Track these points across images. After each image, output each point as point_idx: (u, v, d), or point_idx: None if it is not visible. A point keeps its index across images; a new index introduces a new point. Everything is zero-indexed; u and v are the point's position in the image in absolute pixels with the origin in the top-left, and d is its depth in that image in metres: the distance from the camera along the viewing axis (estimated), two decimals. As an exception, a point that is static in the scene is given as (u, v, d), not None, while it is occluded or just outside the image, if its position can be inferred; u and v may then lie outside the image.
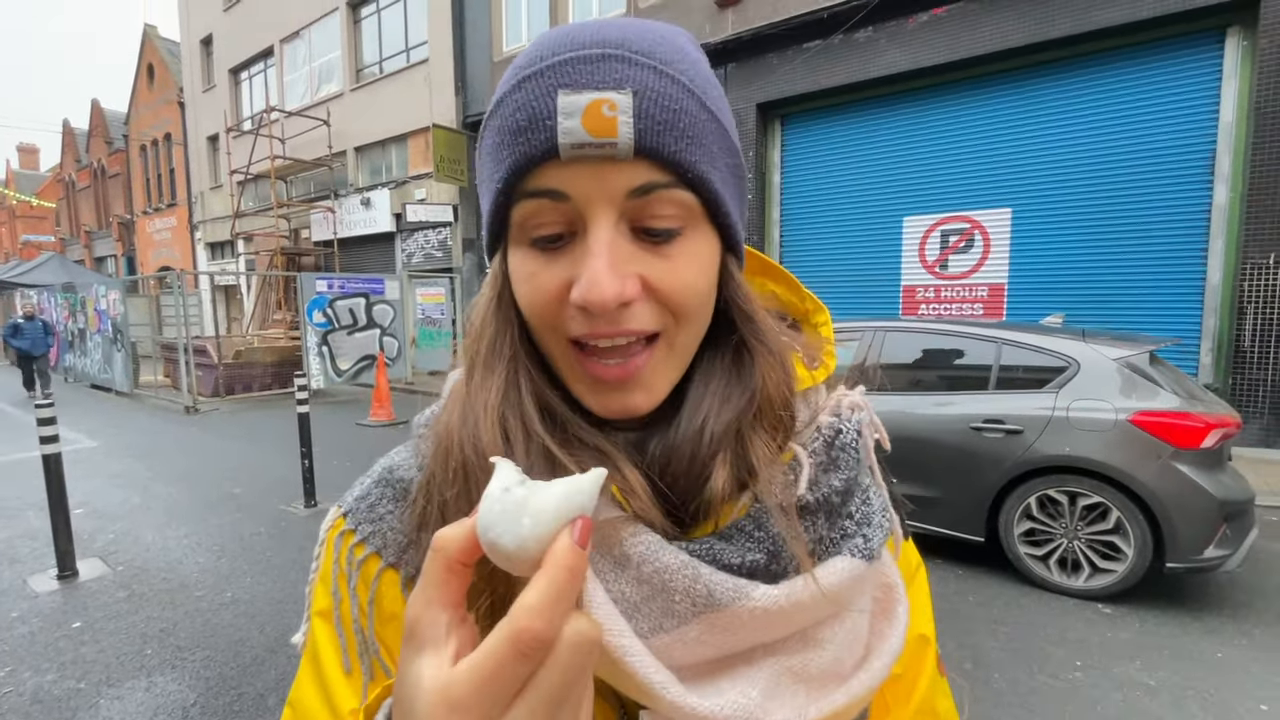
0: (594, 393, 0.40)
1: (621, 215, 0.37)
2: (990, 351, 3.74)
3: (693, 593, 0.37)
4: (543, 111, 0.36)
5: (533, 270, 0.39)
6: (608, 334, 0.38)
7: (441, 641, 0.27)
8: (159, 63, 21.40)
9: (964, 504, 3.66)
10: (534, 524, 0.27)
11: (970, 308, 7.55)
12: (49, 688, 2.70)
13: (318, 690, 0.43)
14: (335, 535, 0.46)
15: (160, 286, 13.62)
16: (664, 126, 0.36)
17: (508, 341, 0.42)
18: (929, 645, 0.50)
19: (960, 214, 7.55)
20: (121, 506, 5.14)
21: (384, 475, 0.47)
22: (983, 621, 3.15)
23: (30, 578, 3.79)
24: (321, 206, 15.04)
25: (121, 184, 24.66)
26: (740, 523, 0.40)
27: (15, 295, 16.77)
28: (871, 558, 0.41)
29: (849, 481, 0.42)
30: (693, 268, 0.39)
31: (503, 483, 0.29)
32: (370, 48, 14.60)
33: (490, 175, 0.40)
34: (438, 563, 0.28)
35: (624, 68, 0.36)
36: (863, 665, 0.41)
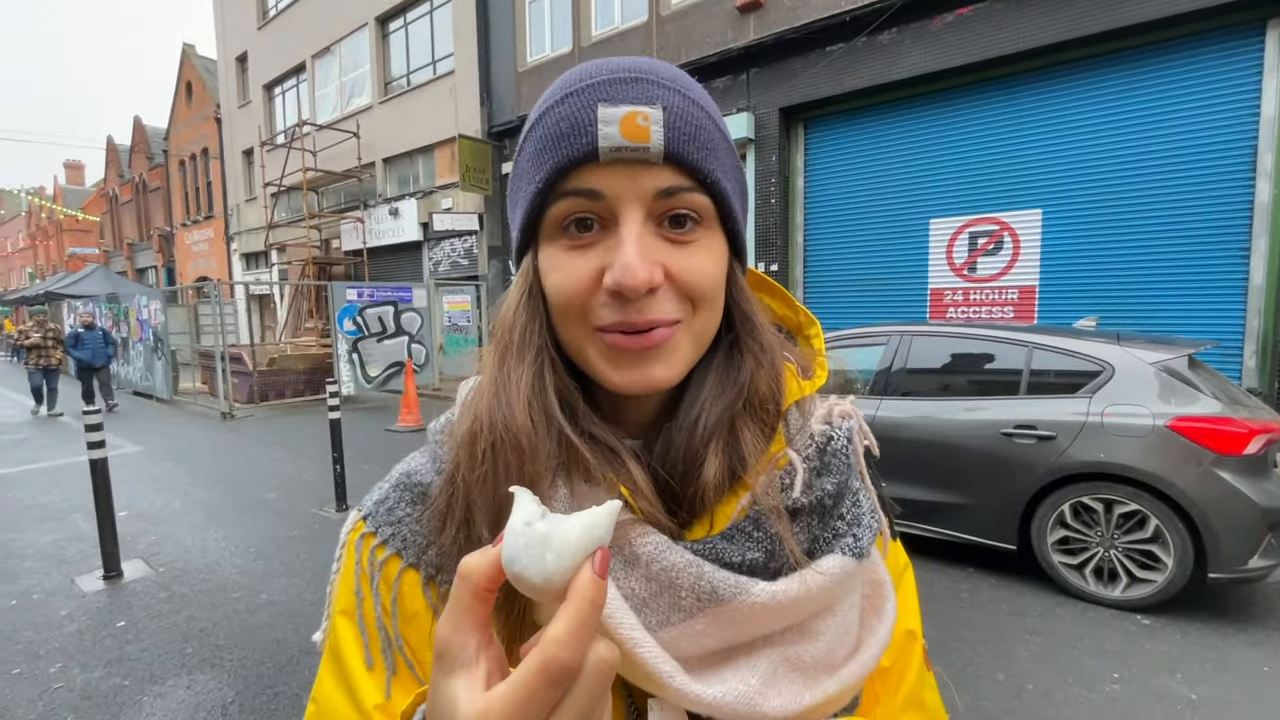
0: (616, 366, 0.43)
1: (649, 213, 0.42)
2: (1021, 356, 3.67)
3: (698, 589, 0.40)
4: (585, 120, 0.41)
5: (565, 261, 0.43)
6: (636, 323, 0.41)
7: (472, 663, 0.29)
8: (197, 80, 22.15)
9: (994, 511, 3.59)
10: (558, 559, 0.29)
11: (1000, 311, 7.40)
12: (97, 684, 2.80)
13: (340, 686, 0.46)
14: (356, 538, 0.49)
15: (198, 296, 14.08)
16: (688, 138, 0.42)
17: (536, 332, 0.45)
18: (916, 640, 0.53)
19: (989, 216, 7.41)
20: (163, 510, 5.31)
21: (402, 479, 0.50)
22: (1015, 631, 3.09)
23: (78, 578, 3.94)
24: (351, 217, 15.39)
25: (162, 198, 25.53)
26: (740, 524, 0.43)
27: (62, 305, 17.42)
28: (861, 555, 0.44)
29: (840, 485, 0.45)
30: (708, 260, 0.44)
31: (524, 516, 0.31)
32: (398, 61, 14.92)
33: (530, 179, 0.44)
34: (465, 590, 0.30)
35: (654, 89, 0.42)
36: (853, 656, 0.45)
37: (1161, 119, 6.33)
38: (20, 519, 5.13)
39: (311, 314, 15.41)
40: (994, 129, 7.31)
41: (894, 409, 3.94)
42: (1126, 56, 6.45)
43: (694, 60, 8.73)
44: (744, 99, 8.65)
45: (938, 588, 3.58)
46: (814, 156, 8.77)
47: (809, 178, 8.80)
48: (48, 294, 19.82)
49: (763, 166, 8.62)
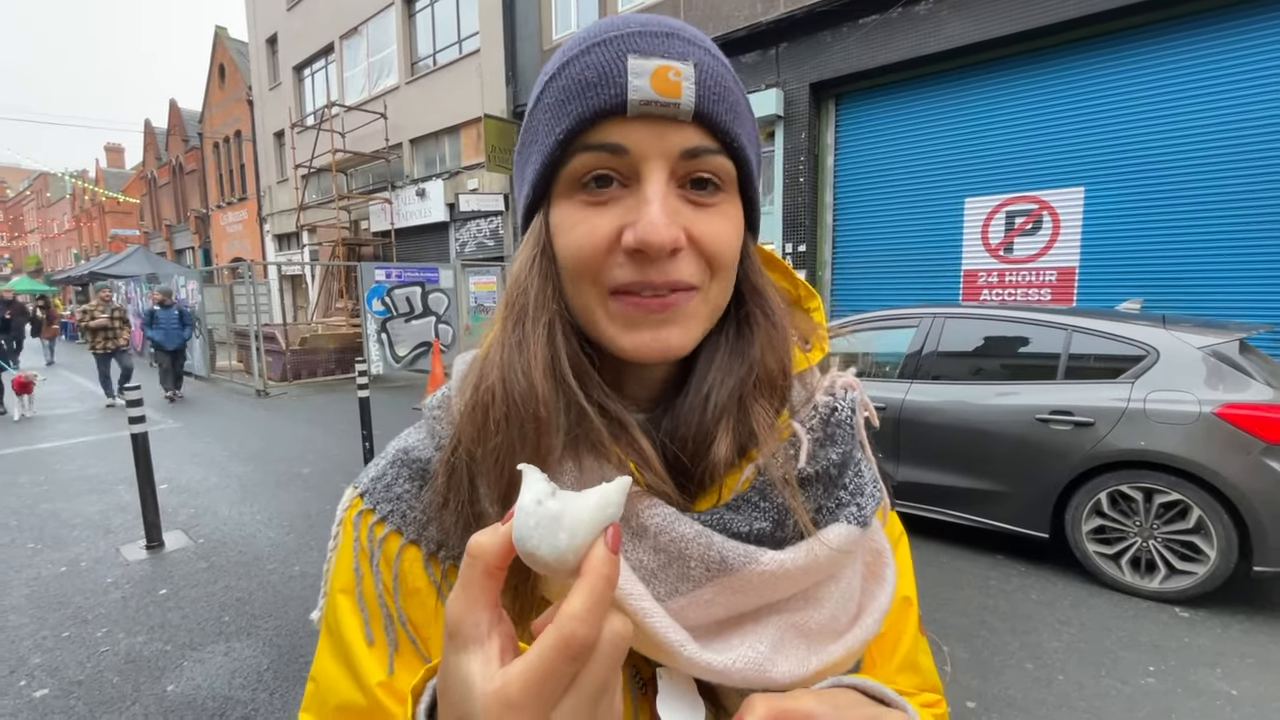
0: (628, 329, 0.42)
1: (672, 173, 0.41)
2: (1059, 339, 3.55)
3: (707, 559, 0.41)
4: (613, 71, 0.39)
5: (581, 219, 0.41)
6: (655, 283, 0.40)
7: (485, 640, 0.30)
8: (229, 63, 22.46)
9: (1027, 498, 3.51)
10: (570, 537, 0.29)
11: (1037, 293, 7.17)
12: (140, 648, 2.93)
13: (340, 663, 0.45)
14: (354, 515, 0.48)
15: (233, 277, 14.38)
16: (717, 98, 0.41)
17: (549, 297, 0.43)
18: (911, 606, 0.55)
19: (1027, 194, 7.15)
20: (201, 483, 5.50)
21: (399, 456, 0.49)
22: (1046, 621, 3.02)
23: (122, 547, 4.11)
24: (379, 198, 15.54)
25: (197, 180, 26.11)
26: (746, 494, 0.43)
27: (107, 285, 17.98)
28: (865, 524, 0.45)
29: (845, 455, 0.46)
30: (728, 226, 0.43)
31: (535, 495, 0.31)
32: (424, 41, 14.90)
33: (548, 129, 0.42)
34: (476, 568, 0.30)
35: (685, 45, 0.41)
36: (856, 622, 0.45)
37: (1212, 91, 6.00)
38: (69, 490, 5.35)
39: (342, 294, 15.67)
40: (1035, 103, 7.01)
41: (924, 393, 3.85)
42: (1176, 26, 6.12)
43: (721, 35, 8.53)
44: (772, 74, 8.44)
45: (966, 574, 3.52)
46: (845, 134, 8.54)
47: (839, 156, 8.58)
48: (92, 274, 20.51)
49: (791, 144, 8.43)
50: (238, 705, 2.51)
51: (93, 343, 9.08)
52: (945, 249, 7.79)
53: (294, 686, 2.61)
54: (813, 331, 0.52)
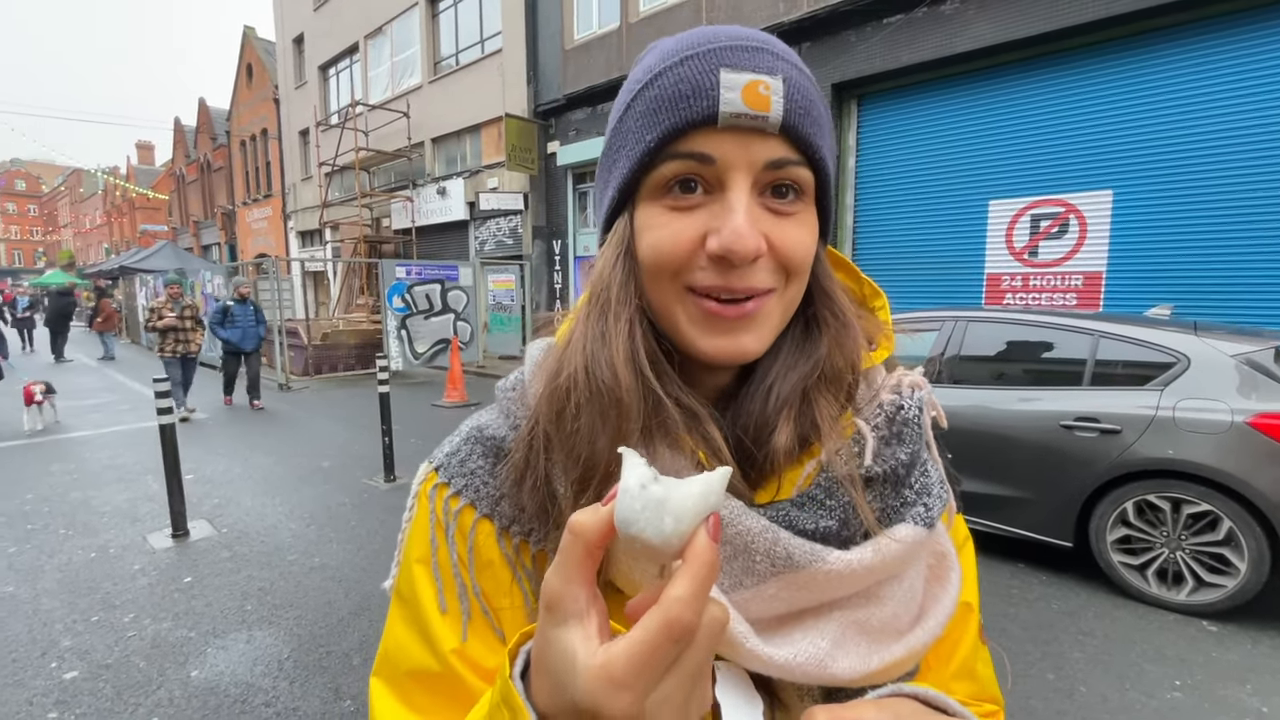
0: (707, 333, 0.44)
1: (755, 182, 0.42)
2: (1085, 345, 3.48)
3: (773, 554, 0.41)
4: (706, 84, 0.41)
5: (666, 221, 0.43)
6: (736, 289, 0.42)
7: (584, 615, 0.31)
8: (257, 62, 22.86)
9: (1050, 506, 3.45)
10: (675, 522, 0.30)
11: (1062, 298, 7.04)
12: (165, 634, 2.99)
13: (413, 630, 0.47)
14: (429, 488, 0.50)
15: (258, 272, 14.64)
16: (803, 112, 0.42)
17: (632, 293, 0.45)
18: (972, 612, 0.54)
19: (1053, 197, 7.03)
20: (225, 474, 5.60)
21: (473, 433, 0.51)
22: (1068, 631, 2.97)
23: (149, 535, 4.20)
24: (401, 196, 15.71)
25: (224, 177, 26.61)
26: (811, 492, 0.44)
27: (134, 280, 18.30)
28: (931, 525, 0.45)
29: (913, 454, 0.46)
30: (805, 234, 0.45)
31: (638, 478, 0.31)
32: (447, 40, 15.04)
33: (637, 138, 0.44)
34: (578, 545, 0.31)
35: (774, 60, 0.43)
36: (919, 623, 0.45)
37: (1245, 93, 5.85)
38: (99, 478, 5.49)
39: (363, 291, 15.88)
40: (1062, 105, 6.89)
41: (945, 397, 3.80)
42: (1208, 26, 5.97)
43: (744, 35, 8.49)
44: (795, 75, 8.39)
45: (986, 582, 3.46)
46: (867, 135, 8.46)
47: (861, 157, 8.50)
48: (122, 268, 20.99)
49: (813, 145, 8.37)
50: (259, 693, 2.55)
51: (160, 345, 7.99)
52: (968, 252, 7.68)
53: (314, 675, 2.66)
54: (878, 330, 0.53)
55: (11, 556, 3.88)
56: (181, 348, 7.99)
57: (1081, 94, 6.75)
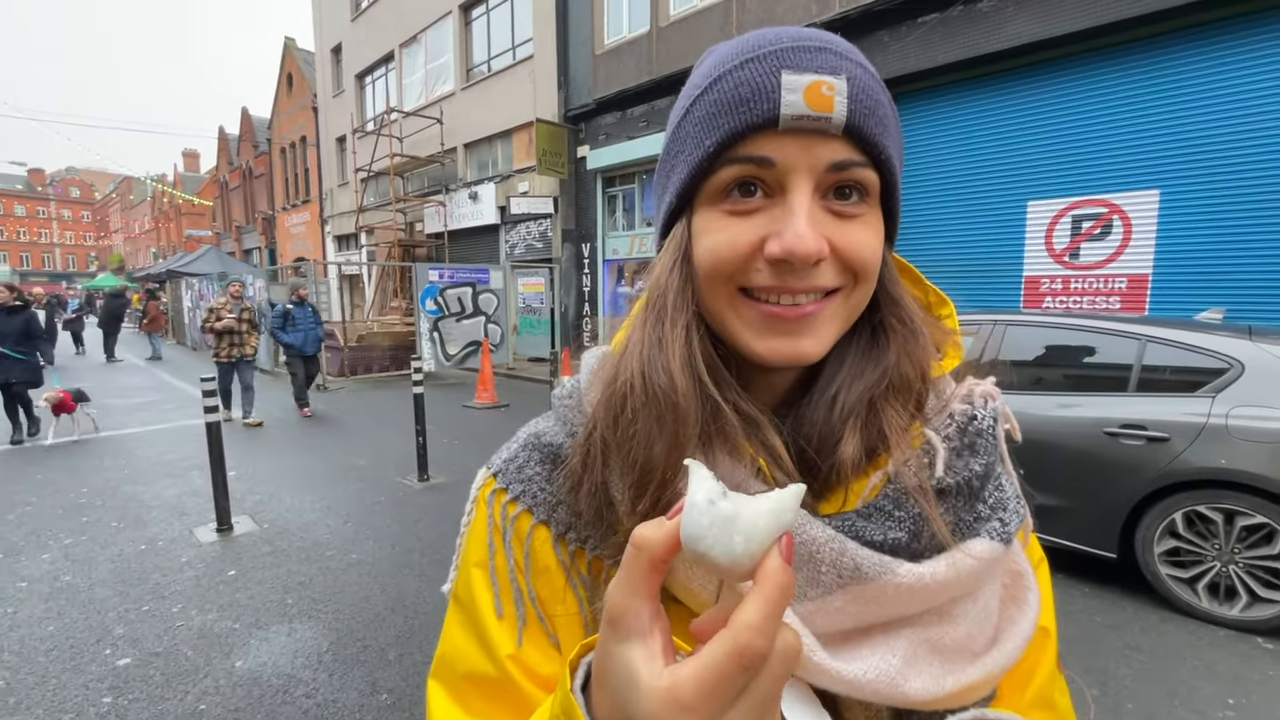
0: (763, 335, 0.43)
1: (817, 185, 0.41)
2: (1131, 349, 3.38)
3: (839, 565, 0.40)
4: (767, 86, 0.40)
5: (724, 226, 0.43)
6: (794, 289, 0.41)
7: (647, 633, 0.29)
8: (297, 72, 23.55)
9: (1093, 515, 3.34)
10: (746, 542, 0.29)
11: (1105, 301, 6.83)
12: (211, 625, 3.10)
13: (470, 634, 0.47)
14: (487, 494, 0.50)
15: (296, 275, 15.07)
16: (868, 112, 0.41)
17: (689, 299, 0.45)
18: (1049, 638, 0.51)
19: (1096, 197, 6.82)
20: (267, 471, 5.77)
21: (531, 440, 0.51)
22: (1113, 645, 2.88)
23: (196, 529, 4.35)
24: (434, 201, 16.01)
25: (265, 183, 27.45)
26: (878, 502, 0.42)
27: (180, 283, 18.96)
28: (1008, 541, 0.43)
29: (988, 466, 0.44)
30: (870, 236, 0.43)
31: (706, 494, 0.30)
32: (480, 47, 15.29)
33: (696, 143, 0.43)
34: (642, 559, 0.30)
35: (838, 59, 0.41)
36: (995, 645, 0.43)
37: (1312, 86, 5.59)
38: (148, 474, 5.71)
39: (397, 294, 16.21)
40: (1105, 102, 6.69)
41: (983, 402, 3.72)
42: (1261, 19, 5.73)
43: (775, 37, 8.46)
44: (827, 76, 8.31)
45: (1025, 593, 3.38)
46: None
47: (894, 158, 8.37)
48: (169, 272, 21.77)
49: (845, 146, 8.28)
50: (299, 684, 2.62)
51: (216, 348, 7.66)
52: (1005, 254, 7.50)
53: (352, 668, 2.72)
54: (946, 339, 0.51)
55: (68, 547, 4.06)
56: (236, 351, 7.71)
57: (1126, 91, 6.54)
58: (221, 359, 7.64)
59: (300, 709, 2.47)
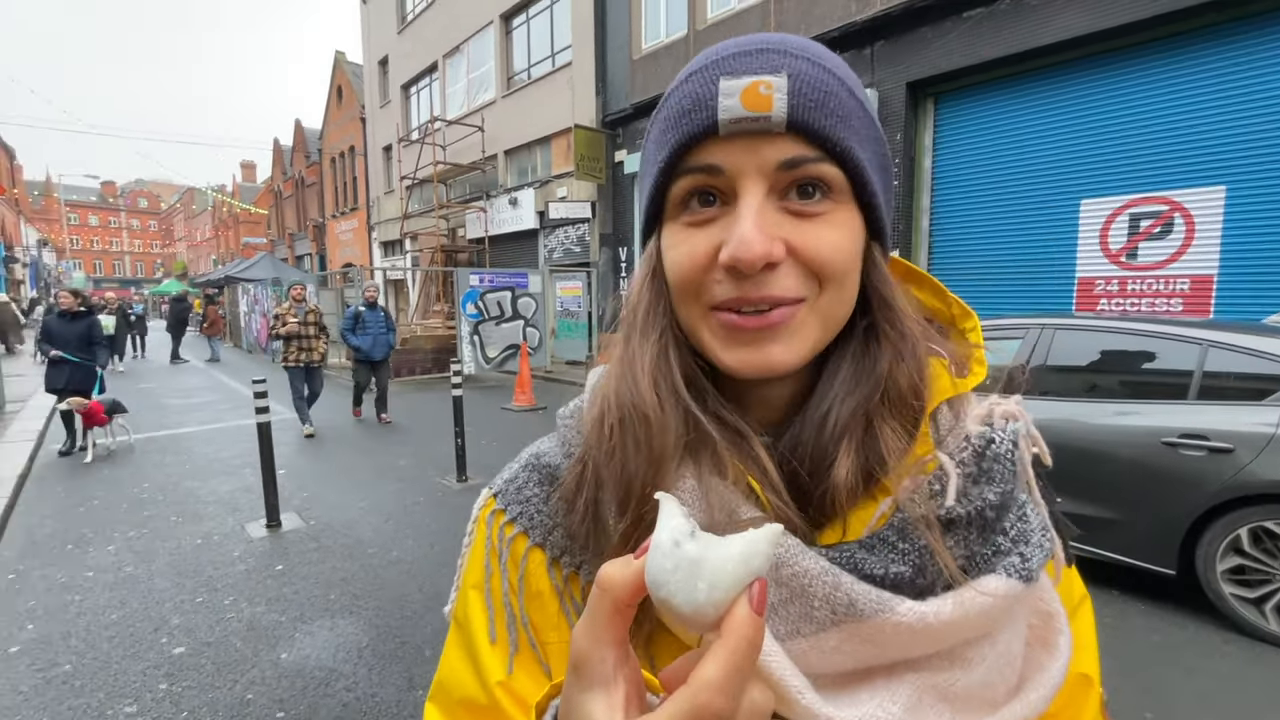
0: (729, 346, 0.41)
1: (771, 187, 0.40)
2: (1191, 355, 3.20)
3: (833, 600, 0.37)
4: (706, 95, 0.40)
5: (683, 238, 0.42)
6: (753, 299, 0.40)
7: (610, 680, 0.28)
8: (346, 84, 24.41)
9: (1150, 530, 3.18)
10: (710, 589, 0.26)
11: (1165, 303, 6.49)
12: (259, 617, 3.23)
13: (465, 658, 0.46)
14: (487, 514, 0.49)
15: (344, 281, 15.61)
16: (815, 104, 0.39)
17: (660, 312, 0.45)
18: (1092, 686, 0.46)
19: (1155, 195, 6.50)
20: (313, 470, 5.99)
21: (531, 460, 0.50)
22: (1171, 667, 2.73)
23: (247, 524, 4.54)
24: (475, 207, 16.35)
25: (316, 192, 28.52)
26: (882, 533, 0.39)
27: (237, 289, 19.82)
28: (1030, 579, 0.39)
29: (1005, 495, 0.40)
30: (836, 234, 0.41)
31: (672, 534, 0.28)
32: (520, 55, 15.57)
33: (654, 159, 0.44)
34: (605, 602, 0.28)
35: (779, 58, 0.40)
36: (1017, 695, 0.39)
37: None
38: (205, 471, 5.99)
39: (439, 298, 16.59)
40: (1166, 95, 6.37)
41: (1030, 409, 3.56)
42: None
43: (814, 37, 8.32)
44: (867, 75, 8.16)
45: (1074, 609, 3.23)
46: (944, 134, 8.11)
47: (938, 157, 8.16)
48: (227, 278, 22.83)
49: (886, 146, 8.11)
50: (341, 677, 2.71)
51: (284, 353, 7.46)
52: (1057, 255, 7.22)
53: (390, 664, 2.80)
54: (969, 354, 0.47)
55: (131, 540, 4.29)
56: (305, 356, 7.41)
57: (1187, 83, 6.22)
58: (289, 363, 7.43)
59: (340, 701, 2.55)
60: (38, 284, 33.93)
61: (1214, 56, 6.06)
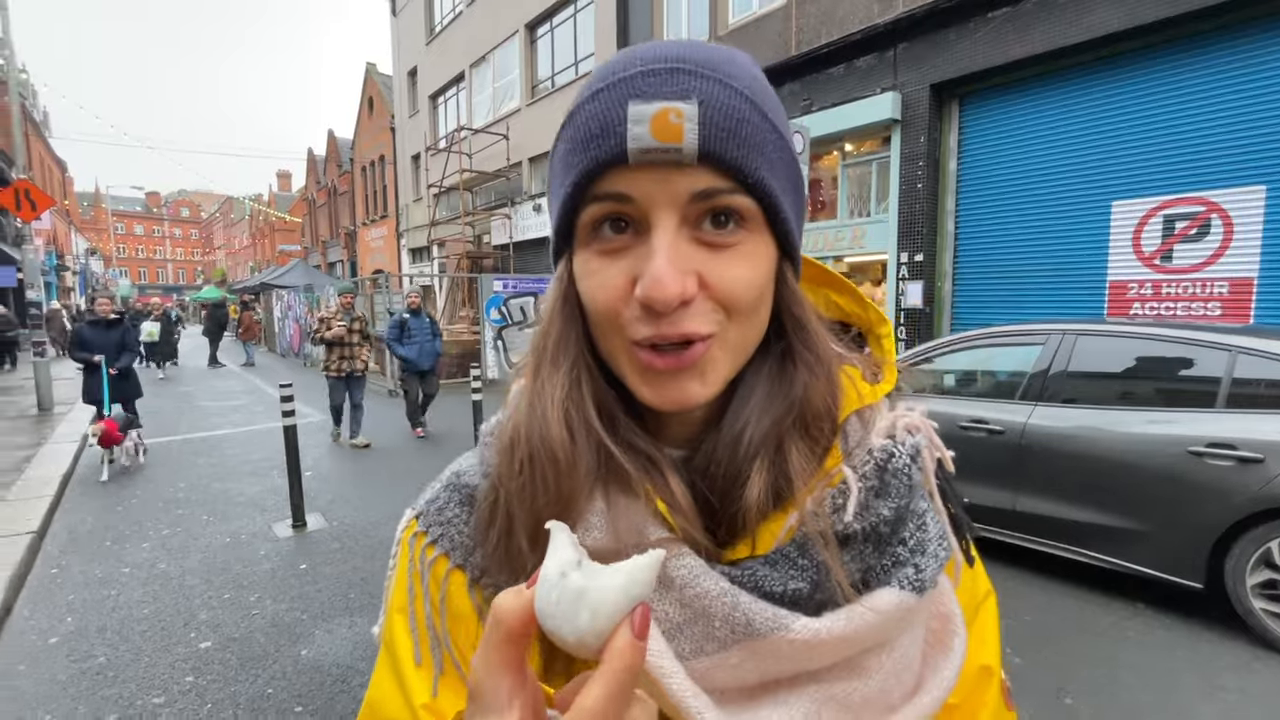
0: (650, 383, 0.40)
1: (684, 219, 0.39)
2: (1219, 362, 3.11)
3: (731, 620, 0.38)
4: (614, 119, 0.38)
5: (596, 268, 0.41)
6: (669, 336, 0.39)
7: (504, 708, 0.28)
8: (377, 95, 24.99)
9: (1175, 542, 3.09)
10: (592, 618, 0.27)
11: (1203, 308, 6.28)
12: (282, 615, 3.33)
13: (393, 680, 0.46)
14: (409, 536, 0.49)
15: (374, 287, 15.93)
16: (727, 134, 0.38)
17: (573, 340, 0.43)
18: (992, 676, 0.48)
19: (1191, 195, 6.30)
20: (338, 472, 6.14)
21: (452, 480, 0.50)
22: (1197, 684, 2.65)
23: (274, 524, 4.69)
24: (500, 214, 16.59)
25: (348, 200, 29.22)
26: (785, 549, 0.40)
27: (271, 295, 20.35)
28: (923, 589, 0.40)
29: (899, 510, 0.41)
30: (748, 267, 0.40)
31: (559, 565, 0.29)
32: (544, 64, 15.78)
33: (561, 181, 0.42)
34: (499, 632, 0.29)
35: (690, 80, 0.38)
36: (912, 698, 0.41)
37: None
38: (235, 471, 6.19)
39: (464, 303, 16.84)
40: (1202, 93, 6.17)
41: (1050, 417, 3.51)
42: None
43: (836, 40, 8.31)
44: (890, 78, 8.08)
45: (1097, 622, 3.15)
46: (970, 135, 7.98)
47: (963, 159, 8.03)
48: (262, 284, 23.52)
49: (909, 149, 8.01)
50: (356, 674, 2.78)
51: (326, 361, 7.17)
52: (1087, 258, 7.03)
53: (404, 663, 2.86)
54: (882, 362, 0.48)
55: (165, 538, 4.46)
56: (347, 365, 7.12)
57: (1225, 79, 6.02)
58: (331, 373, 7.12)
59: (355, 698, 2.62)
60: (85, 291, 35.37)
61: (1252, 51, 5.86)
